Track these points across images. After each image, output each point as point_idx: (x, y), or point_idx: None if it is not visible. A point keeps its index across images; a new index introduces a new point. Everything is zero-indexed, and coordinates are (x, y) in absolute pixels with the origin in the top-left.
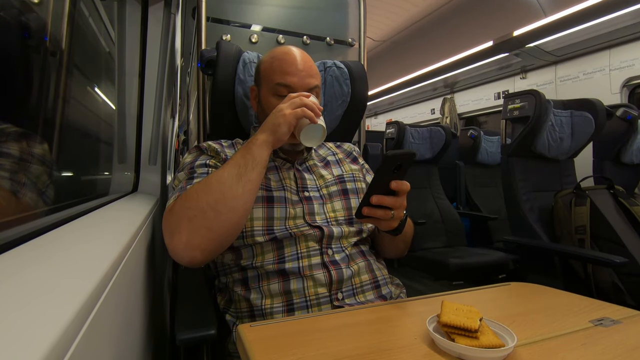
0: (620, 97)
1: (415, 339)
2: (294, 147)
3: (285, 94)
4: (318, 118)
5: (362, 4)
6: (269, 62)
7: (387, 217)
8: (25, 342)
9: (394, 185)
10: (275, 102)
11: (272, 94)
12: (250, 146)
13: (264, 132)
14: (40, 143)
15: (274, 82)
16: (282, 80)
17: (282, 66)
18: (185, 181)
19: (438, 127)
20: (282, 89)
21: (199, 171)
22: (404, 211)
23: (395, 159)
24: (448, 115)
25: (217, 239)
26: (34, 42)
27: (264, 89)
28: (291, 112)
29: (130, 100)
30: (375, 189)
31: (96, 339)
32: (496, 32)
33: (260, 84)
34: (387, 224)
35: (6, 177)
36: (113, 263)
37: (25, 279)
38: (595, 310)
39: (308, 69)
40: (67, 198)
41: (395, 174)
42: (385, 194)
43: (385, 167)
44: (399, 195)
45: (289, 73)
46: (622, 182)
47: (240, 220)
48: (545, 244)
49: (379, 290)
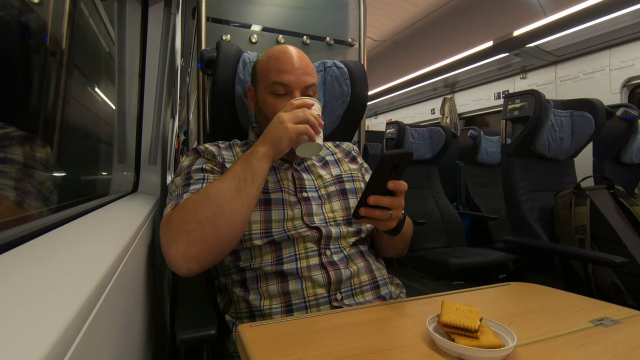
0: (620, 97)
1: (415, 339)
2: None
3: (282, 92)
4: (318, 135)
5: (362, 4)
6: (266, 61)
7: (384, 217)
8: (25, 342)
9: (391, 185)
10: (272, 100)
11: (269, 93)
12: (250, 159)
13: (264, 145)
14: (43, 147)
15: (270, 81)
16: (278, 79)
17: (279, 65)
18: (182, 187)
19: (438, 127)
20: (279, 87)
21: (195, 177)
22: (402, 211)
23: (392, 158)
24: (448, 115)
25: (214, 251)
26: (34, 42)
27: (261, 87)
28: (293, 127)
29: (130, 100)
30: (372, 189)
31: (96, 339)
32: (496, 32)
33: (257, 83)
34: (385, 224)
35: (8, 179)
36: (113, 263)
37: (26, 279)
38: (595, 310)
39: (304, 67)
40: (66, 198)
41: (393, 173)
42: (383, 194)
43: (382, 167)
44: (397, 195)
45: (285, 71)
46: (622, 182)
47: (238, 233)
48: (545, 244)
49: (378, 291)
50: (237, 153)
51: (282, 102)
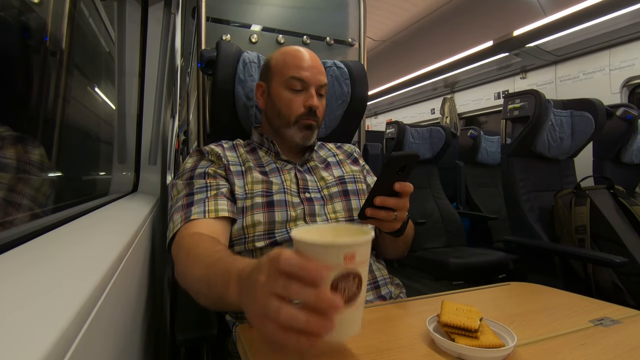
0: (620, 97)
1: (415, 339)
2: (296, 147)
3: (299, 88)
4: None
5: (362, 4)
6: (281, 57)
7: (390, 218)
8: (25, 342)
9: (397, 187)
10: (288, 95)
11: (285, 87)
12: (227, 285)
13: (239, 298)
14: (37, 147)
15: (288, 76)
16: (296, 74)
17: (296, 61)
18: (185, 198)
19: (438, 127)
20: (296, 82)
21: (197, 185)
22: (406, 212)
23: (399, 160)
24: (448, 115)
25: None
26: (34, 42)
27: (276, 82)
28: (262, 326)
29: (130, 100)
30: (378, 190)
31: (96, 339)
32: (496, 32)
33: (271, 79)
34: (390, 225)
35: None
36: (113, 263)
37: (26, 279)
38: (595, 310)
39: (319, 66)
40: (66, 199)
41: (399, 175)
42: (389, 195)
43: (389, 168)
44: (402, 197)
45: (303, 68)
46: (622, 182)
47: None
48: (545, 244)
49: (379, 291)
50: (242, 154)
51: (298, 98)
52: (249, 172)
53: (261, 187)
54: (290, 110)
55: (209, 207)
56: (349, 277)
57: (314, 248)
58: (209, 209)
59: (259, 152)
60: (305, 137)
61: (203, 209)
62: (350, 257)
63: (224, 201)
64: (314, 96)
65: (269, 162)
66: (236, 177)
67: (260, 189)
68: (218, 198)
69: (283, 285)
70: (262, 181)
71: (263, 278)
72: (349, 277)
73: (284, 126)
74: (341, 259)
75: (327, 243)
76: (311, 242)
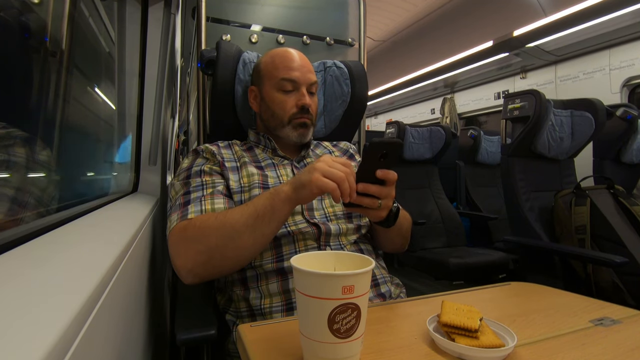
0: (620, 96)
1: (415, 339)
2: (293, 144)
3: (290, 89)
4: None
5: (362, 4)
6: (270, 60)
7: (374, 205)
8: (25, 343)
9: (379, 174)
10: (280, 97)
11: (277, 89)
12: (274, 197)
13: (290, 185)
14: (44, 148)
15: (278, 78)
16: (286, 75)
17: (285, 62)
18: (182, 196)
19: (438, 127)
20: (287, 83)
21: (194, 183)
22: (392, 201)
23: (379, 146)
24: (448, 115)
25: (218, 273)
26: (34, 42)
27: (267, 86)
28: (320, 180)
29: (130, 100)
30: (361, 178)
31: (96, 340)
32: (496, 32)
33: (262, 82)
34: (376, 214)
35: (9, 180)
36: (113, 263)
37: (25, 279)
38: (595, 310)
39: (307, 65)
40: (65, 199)
41: (382, 162)
42: (373, 183)
43: (369, 155)
44: (387, 185)
45: (292, 68)
46: (622, 181)
47: (243, 263)
48: (546, 244)
49: (378, 289)
50: (236, 151)
51: (290, 98)
52: (244, 167)
53: (257, 180)
54: (284, 110)
55: (205, 207)
56: (347, 309)
57: (312, 277)
58: (205, 208)
59: (256, 149)
60: (301, 135)
61: (200, 207)
62: (349, 289)
63: (221, 199)
64: (305, 95)
65: (265, 158)
66: (231, 172)
67: (257, 180)
68: (214, 197)
69: (329, 164)
70: (257, 174)
71: (322, 162)
72: (347, 310)
73: (279, 126)
74: (339, 291)
75: (325, 273)
76: (309, 271)
